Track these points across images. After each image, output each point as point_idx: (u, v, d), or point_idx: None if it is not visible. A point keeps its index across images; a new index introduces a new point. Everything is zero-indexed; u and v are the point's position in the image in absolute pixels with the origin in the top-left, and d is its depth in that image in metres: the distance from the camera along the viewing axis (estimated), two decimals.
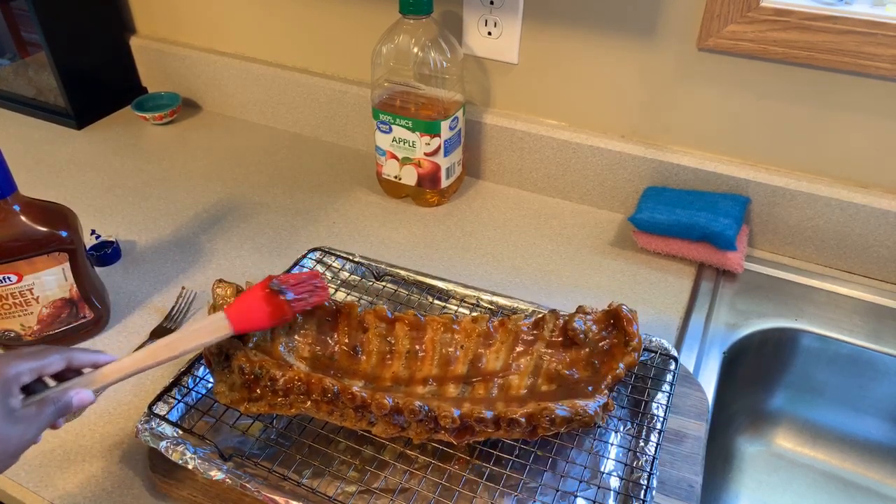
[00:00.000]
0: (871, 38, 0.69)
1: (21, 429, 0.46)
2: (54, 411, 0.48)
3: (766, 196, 0.82)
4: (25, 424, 0.46)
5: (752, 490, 0.79)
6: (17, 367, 0.47)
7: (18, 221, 0.62)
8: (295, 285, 0.58)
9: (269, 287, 0.57)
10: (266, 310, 0.56)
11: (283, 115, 1.12)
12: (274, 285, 0.57)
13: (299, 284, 0.58)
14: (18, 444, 0.46)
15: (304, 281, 0.59)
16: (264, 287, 0.57)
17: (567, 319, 0.62)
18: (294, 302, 0.58)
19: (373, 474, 0.56)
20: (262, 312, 0.56)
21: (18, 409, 0.46)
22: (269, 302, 0.57)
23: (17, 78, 1.14)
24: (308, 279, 0.59)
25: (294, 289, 0.58)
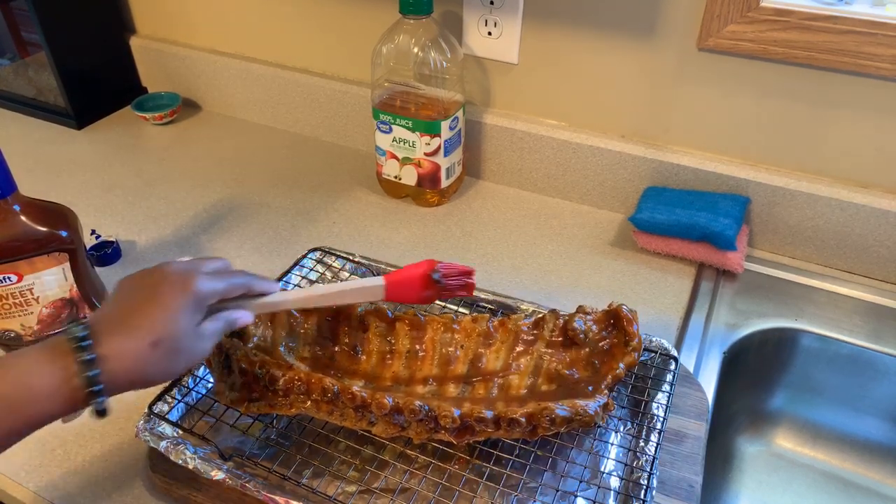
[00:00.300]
0: (871, 38, 0.69)
1: (202, 344, 0.49)
2: (224, 328, 0.51)
3: (766, 196, 0.82)
4: (205, 340, 0.49)
5: (752, 490, 0.79)
6: (209, 288, 0.50)
7: (18, 221, 0.62)
8: (451, 276, 0.59)
9: (430, 273, 0.58)
10: (419, 291, 0.59)
11: (283, 115, 1.12)
12: (435, 273, 0.58)
13: (455, 276, 0.60)
14: (198, 358, 0.49)
15: (460, 274, 0.60)
16: (426, 270, 0.58)
17: (567, 319, 0.62)
18: (443, 291, 0.59)
19: (373, 474, 0.56)
20: (414, 292, 0.59)
21: (200, 326, 0.49)
22: (424, 285, 0.58)
23: (17, 78, 1.14)
24: (464, 273, 0.60)
25: (448, 279, 0.59)
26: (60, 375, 0.43)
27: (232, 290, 0.52)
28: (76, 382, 0.43)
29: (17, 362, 0.43)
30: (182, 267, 0.51)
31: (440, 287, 0.59)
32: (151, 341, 0.45)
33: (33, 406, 0.42)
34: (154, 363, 0.46)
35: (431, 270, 0.58)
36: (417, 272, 0.58)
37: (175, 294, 0.48)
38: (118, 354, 0.45)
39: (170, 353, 0.47)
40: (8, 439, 0.43)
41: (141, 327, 0.46)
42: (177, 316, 0.47)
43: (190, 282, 0.49)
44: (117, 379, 0.45)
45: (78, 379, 0.43)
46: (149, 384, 0.47)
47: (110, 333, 0.45)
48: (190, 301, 0.48)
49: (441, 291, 0.59)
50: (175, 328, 0.47)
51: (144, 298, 0.48)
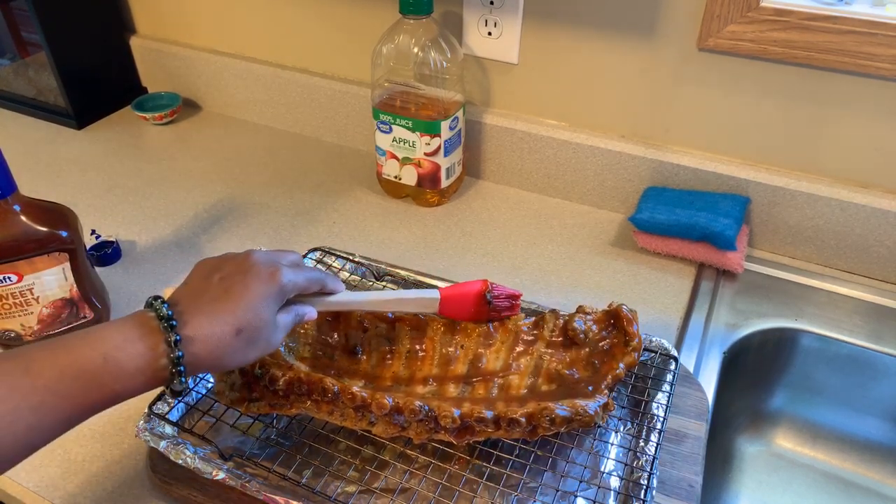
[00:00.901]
0: (871, 38, 0.69)
1: (277, 335, 0.50)
2: (294, 321, 0.53)
3: (766, 196, 0.82)
4: (280, 331, 0.51)
5: (752, 490, 0.79)
6: (292, 282, 0.52)
7: (18, 221, 0.62)
8: (501, 297, 0.62)
9: (484, 293, 0.61)
10: (470, 309, 0.61)
11: (283, 115, 1.12)
12: (488, 293, 0.61)
13: (504, 298, 0.62)
14: (271, 349, 0.50)
15: (510, 297, 0.62)
16: (480, 290, 0.61)
17: (567, 319, 0.62)
18: (492, 312, 0.62)
19: (373, 474, 0.56)
20: (466, 310, 0.61)
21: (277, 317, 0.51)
22: (476, 304, 0.61)
23: (17, 78, 1.14)
24: (513, 297, 0.62)
25: (498, 300, 0.61)
26: (149, 355, 0.44)
27: (310, 286, 0.54)
28: (162, 362, 0.44)
29: (105, 336, 0.43)
30: (267, 258, 0.52)
31: (490, 308, 0.61)
32: (235, 328, 0.46)
33: (118, 382, 0.43)
34: (234, 350, 0.47)
35: (486, 290, 0.61)
36: (473, 290, 0.61)
37: (262, 284, 0.49)
38: (203, 338, 0.45)
39: (249, 342, 0.47)
40: (90, 413, 0.43)
41: (227, 312, 0.46)
42: (262, 306, 0.48)
43: (277, 274, 0.50)
44: (199, 361, 0.45)
45: (164, 359, 0.44)
46: (224, 368, 0.48)
47: (197, 315, 0.46)
48: (275, 292, 0.49)
49: (490, 312, 0.61)
50: (258, 318, 0.48)
51: (231, 284, 0.48)
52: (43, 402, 0.40)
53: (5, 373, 0.40)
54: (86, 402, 0.42)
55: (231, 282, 0.48)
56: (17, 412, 0.39)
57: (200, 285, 0.49)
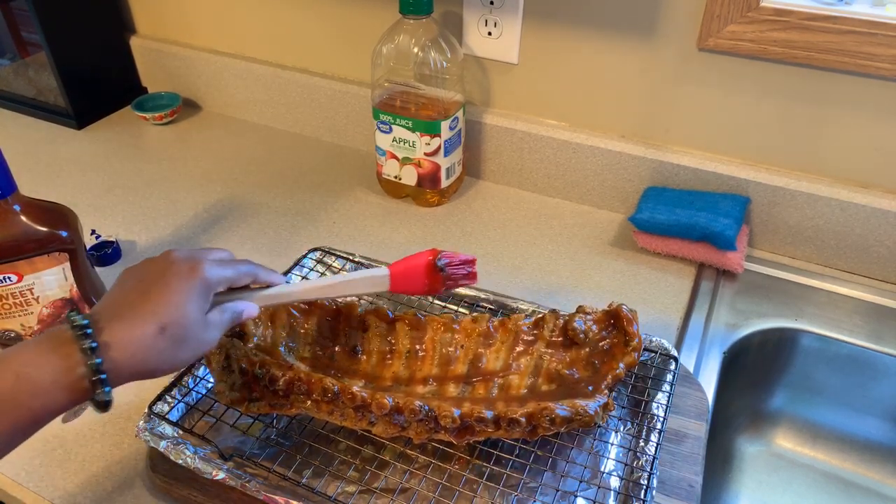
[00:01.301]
0: (871, 38, 0.69)
1: (209, 334, 0.48)
2: (230, 319, 0.50)
3: (766, 196, 0.82)
4: (212, 329, 0.48)
5: (752, 490, 0.79)
6: (217, 275, 0.49)
7: (18, 221, 0.62)
8: (454, 265, 0.58)
9: (434, 261, 0.57)
10: (423, 281, 0.58)
11: (283, 115, 1.12)
12: (439, 261, 0.57)
13: (458, 265, 0.59)
14: (204, 349, 0.48)
15: (463, 263, 0.59)
16: (429, 260, 0.57)
17: (567, 319, 0.62)
18: (448, 280, 0.58)
19: (373, 474, 0.56)
20: (420, 282, 0.58)
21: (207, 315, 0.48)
22: (428, 275, 0.57)
23: (17, 78, 1.14)
24: (466, 262, 0.59)
25: (452, 268, 0.58)
26: (63, 365, 0.41)
27: (239, 279, 0.52)
28: (80, 371, 0.42)
29: (16, 355, 0.41)
30: (187, 254, 0.49)
31: (444, 276, 0.58)
32: (157, 328, 0.44)
33: (36, 399, 0.40)
34: (159, 351, 0.44)
35: (435, 258, 0.57)
36: (421, 261, 0.57)
37: (182, 280, 0.47)
38: (122, 341, 0.43)
39: (176, 341, 0.45)
40: (13, 437, 0.41)
41: (146, 313, 0.44)
42: (184, 302, 0.46)
43: (197, 268, 0.48)
44: (121, 368, 0.43)
45: (81, 368, 0.42)
46: (153, 374, 0.45)
47: (114, 320, 0.44)
48: (197, 287, 0.47)
49: (445, 280, 0.58)
50: (182, 315, 0.45)
51: (149, 284, 0.46)
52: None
53: None
54: (5, 425, 0.40)
55: (148, 283, 0.46)
56: None
57: (118, 293, 0.47)
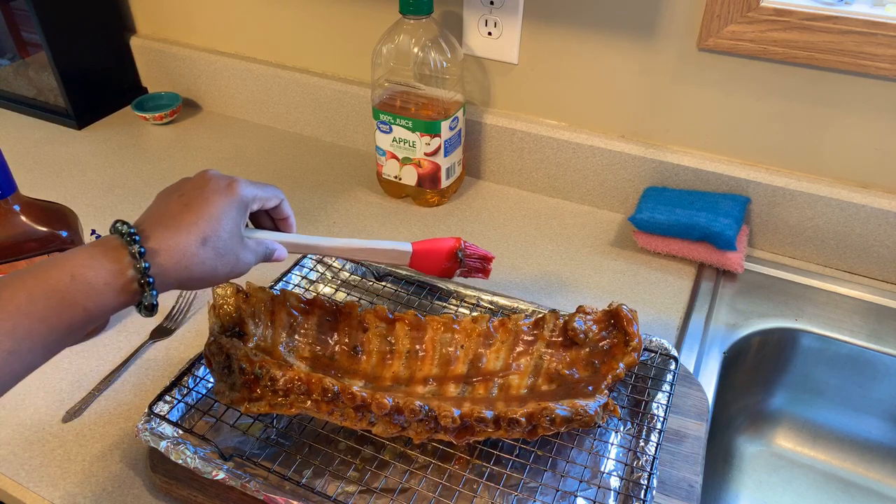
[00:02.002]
0: (871, 38, 0.69)
1: (245, 254, 0.51)
2: (264, 253, 0.54)
3: (766, 196, 0.82)
4: (249, 252, 0.52)
5: (752, 490, 0.79)
6: (251, 193, 0.52)
7: (18, 221, 0.62)
8: (472, 257, 0.63)
9: (456, 249, 0.63)
10: (442, 264, 0.63)
11: (283, 115, 1.12)
12: (459, 251, 0.63)
13: (477, 258, 0.64)
14: (240, 268, 0.51)
15: (482, 258, 0.64)
16: (452, 248, 0.63)
17: (567, 319, 0.62)
18: (463, 269, 0.64)
19: (373, 474, 0.56)
20: (437, 265, 0.63)
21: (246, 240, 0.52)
22: (447, 259, 0.63)
23: (17, 78, 1.14)
24: (484, 257, 0.64)
25: (470, 259, 0.64)
26: (114, 268, 0.44)
27: (270, 198, 0.55)
28: (129, 275, 0.44)
29: (71, 258, 0.44)
30: (222, 174, 0.52)
31: (461, 265, 0.63)
32: (200, 238, 0.47)
33: (90, 300, 0.43)
34: (202, 261, 0.47)
35: (458, 247, 0.62)
36: (445, 246, 0.62)
37: (220, 195, 0.50)
38: (168, 249, 0.46)
39: (216, 253, 0.48)
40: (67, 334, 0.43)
41: (189, 224, 0.47)
42: (223, 216, 0.49)
43: (234, 185, 0.51)
44: (167, 273, 0.46)
45: (131, 271, 0.44)
46: (195, 283, 0.48)
47: (159, 228, 0.47)
48: (235, 203, 0.50)
49: (460, 269, 0.63)
50: (222, 227, 0.49)
51: (190, 198, 0.49)
52: (17, 325, 0.40)
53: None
54: (59, 322, 0.42)
55: (190, 197, 0.49)
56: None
57: (160, 207, 0.50)
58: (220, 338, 0.57)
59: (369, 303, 0.73)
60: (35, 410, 0.64)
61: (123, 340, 0.72)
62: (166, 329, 0.73)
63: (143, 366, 0.69)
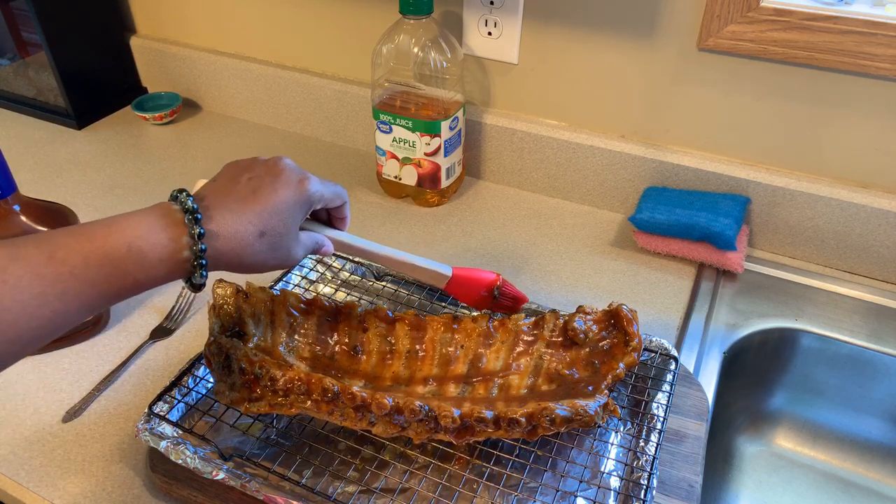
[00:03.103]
0: (871, 38, 0.69)
1: (297, 249, 0.51)
2: (312, 247, 0.54)
3: (766, 196, 0.82)
4: (300, 247, 0.51)
5: (752, 490, 0.79)
6: (320, 193, 0.51)
7: (18, 221, 0.62)
8: (507, 296, 0.66)
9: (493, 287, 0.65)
10: (476, 296, 0.65)
11: (283, 115, 1.12)
12: (496, 289, 0.65)
13: (510, 298, 0.66)
14: (290, 263, 0.51)
15: (515, 298, 0.66)
16: (491, 283, 0.65)
17: (567, 319, 0.62)
18: (494, 304, 0.66)
19: (373, 474, 0.56)
20: (472, 295, 0.65)
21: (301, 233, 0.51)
22: (482, 293, 0.65)
23: (17, 78, 1.14)
24: (518, 299, 0.67)
25: (504, 298, 0.66)
26: (171, 246, 0.44)
27: (335, 199, 0.54)
28: (185, 255, 0.44)
29: (129, 226, 0.43)
30: (297, 166, 0.51)
31: (495, 300, 0.65)
32: (260, 230, 0.47)
33: (143, 271, 0.43)
34: (255, 252, 0.47)
35: (496, 284, 0.64)
36: (486, 279, 0.64)
37: (291, 191, 0.49)
38: (227, 234, 0.46)
39: (271, 247, 0.48)
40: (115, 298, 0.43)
41: (253, 213, 0.47)
42: (288, 212, 0.48)
43: (306, 182, 0.50)
44: (220, 257, 0.46)
45: (187, 252, 0.44)
46: (243, 270, 0.48)
47: (222, 211, 0.46)
48: (303, 200, 0.50)
49: (493, 304, 0.65)
50: (283, 223, 0.48)
51: (259, 184, 0.48)
52: (67, 288, 0.40)
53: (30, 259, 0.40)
54: (109, 289, 0.42)
55: (260, 183, 0.48)
56: (43, 297, 0.39)
57: (228, 184, 0.49)
58: (220, 338, 0.57)
59: (369, 303, 0.73)
60: (35, 410, 0.64)
61: (123, 340, 0.72)
62: (166, 329, 0.73)
63: (143, 366, 0.69)
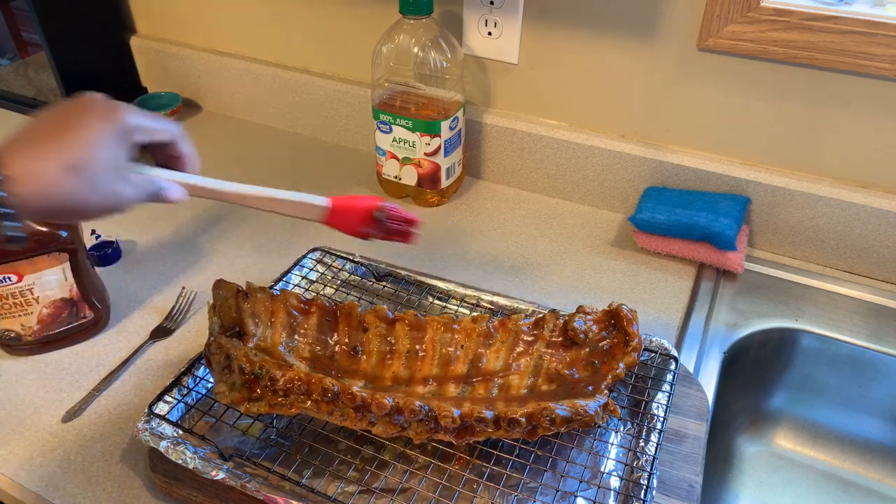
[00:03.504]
0: (871, 38, 0.69)
1: (125, 187, 0.46)
2: (155, 192, 0.49)
3: (766, 196, 0.82)
4: (130, 186, 0.46)
5: (752, 490, 0.79)
6: (137, 121, 0.46)
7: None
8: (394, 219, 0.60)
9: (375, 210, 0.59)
10: (358, 223, 0.59)
11: (283, 115, 1.12)
12: (378, 212, 0.59)
13: (398, 221, 0.60)
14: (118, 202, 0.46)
15: (404, 221, 0.60)
16: (371, 206, 0.59)
17: (567, 319, 0.62)
18: (382, 232, 0.60)
19: (373, 474, 0.56)
20: (355, 223, 0.59)
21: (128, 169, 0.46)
22: (365, 218, 0.59)
23: (17, 78, 1.14)
24: (408, 221, 0.60)
25: (391, 221, 0.59)
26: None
27: (160, 131, 0.49)
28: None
29: None
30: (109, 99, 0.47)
31: (380, 226, 0.59)
32: (66, 165, 0.42)
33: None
34: (67, 190, 0.43)
35: (375, 209, 0.59)
36: (363, 204, 0.59)
37: (98, 119, 0.44)
38: (27, 176, 0.41)
39: (85, 183, 0.43)
40: None
41: (55, 148, 0.42)
42: (97, 141, 0.44)
43: (117, 111, 0.46)
44: (28, 202, 0.41)
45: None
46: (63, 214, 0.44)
47: (20, 152, 0.42)
48: (114, 129, 0.45)
49: (380, 232, 0.59)
50: (93, 155, 0.43)
51: (63, 120, 0.44)
52: None
53: None
54: None
55: (62, 118, 0.44)
56: None
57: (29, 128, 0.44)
58: (220, 338, 0.57)
59: (369, 303, 0.73)
60: (35, 410, 0.64)
61: (123, 340, 0.72)
62: (166, 329, 0.73)
63: (143, 366, 0.69)
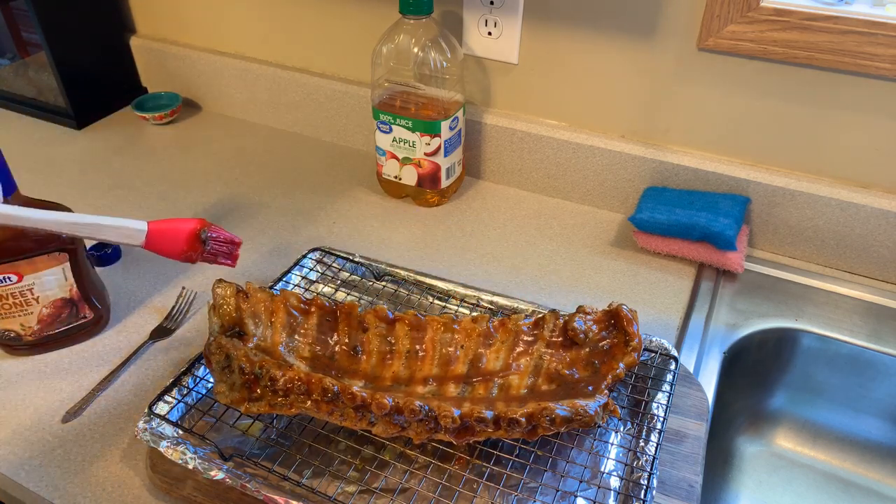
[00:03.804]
0: (871, 38, 0.69)
1: None
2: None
3: (766, 196, 0.82)
4: None
5: (752, 490, 0.79)
6: None
7: None
8: (218, 241, 0.60)
9: (198, 232, 0.58)
10: (181, 247, 0.59)
11: (283, 115, 1.12)
12: (203, 234, 0.58)
13: (223, 242, 0.60)
14: None
15: (229, 242, 0.60)
16: (193, 230, 0.58)
17: (567, 319, 0.62)
18: (207, 254, 0.60)
19: (373, 474, 0.56)
20: (177, 247, 0.59)
21: None
22: (188, 242, 0.58)
23: (17, 78, 1.14)
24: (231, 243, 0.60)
25: (216, 243, 0.59)
26: None
27: None
28: None
29: None
30: None
31: (204, 249, 0.59)
32: None
33: None
34: None
35: (200, 229, 0.58)
36: (186, 227, 0.58)
37: None
38: None
39: None
40: None
41: None
42: None
43: None
44: None
45: None
46: None
47: None
48: None
49: (204, 254, 0.59)
50: None
51: None
52: None
53: None
54: None
55: None
56: None
57: None
58: (220, 338, 0.58)
59: (369, 303, 0.73)
60: (35, 410, 0.64)
61: (123, 340, 0.72)
62: (166, 329, 0.73)
63: (143, 366, 0.69)
